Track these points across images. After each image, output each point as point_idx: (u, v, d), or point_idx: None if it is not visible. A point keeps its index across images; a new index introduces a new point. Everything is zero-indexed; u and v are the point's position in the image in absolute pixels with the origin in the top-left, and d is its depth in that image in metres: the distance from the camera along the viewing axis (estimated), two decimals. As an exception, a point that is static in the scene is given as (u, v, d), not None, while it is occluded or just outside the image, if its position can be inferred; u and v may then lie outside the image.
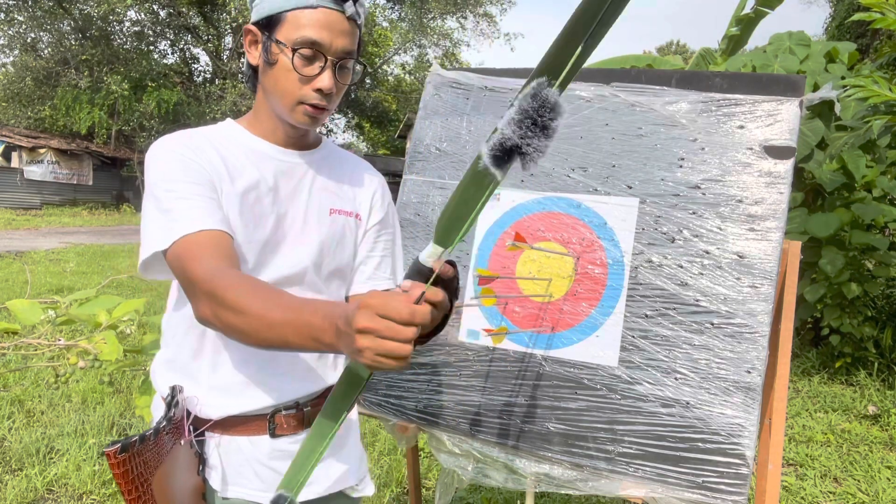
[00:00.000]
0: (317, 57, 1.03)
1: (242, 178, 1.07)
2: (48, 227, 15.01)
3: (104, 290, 2.05)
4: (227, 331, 0.92)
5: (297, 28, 1.02)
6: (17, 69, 19.97)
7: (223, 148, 1.09)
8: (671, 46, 43.82)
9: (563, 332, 1.55)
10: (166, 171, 1.02)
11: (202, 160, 1.04)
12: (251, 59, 1.10)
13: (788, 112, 1.48)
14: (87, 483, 2.77)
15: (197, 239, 0.96)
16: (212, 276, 0.91)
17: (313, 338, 0.82)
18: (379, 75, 25.90)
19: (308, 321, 0.82)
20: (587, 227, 1.58)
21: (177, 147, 1.05)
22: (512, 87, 1.77)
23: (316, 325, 0.81)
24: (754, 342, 1.38)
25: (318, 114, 1.07)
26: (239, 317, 0.87)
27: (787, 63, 4.53)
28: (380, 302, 0.71)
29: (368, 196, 1.24)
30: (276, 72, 1.05)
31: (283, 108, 1.08)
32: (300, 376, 1.14)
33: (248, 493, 1.12)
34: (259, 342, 0.88)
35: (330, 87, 1.04)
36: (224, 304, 0.89)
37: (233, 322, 0.89)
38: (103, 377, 1.83)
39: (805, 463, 3.39)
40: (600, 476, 1.45)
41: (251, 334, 0.88)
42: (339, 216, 1.18)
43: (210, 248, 0.95)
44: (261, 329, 0.86)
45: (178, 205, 0.99)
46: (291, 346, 0.86)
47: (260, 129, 1.13)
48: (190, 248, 0.95)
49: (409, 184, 1.84)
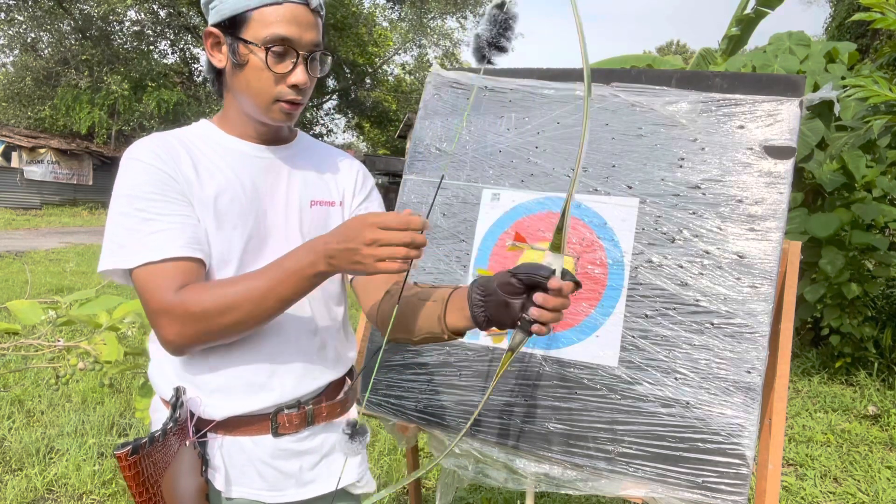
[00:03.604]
0: (288, 53, 1.03)
1: (214, 180, 1.06)
2: (48, 227, 15.01)
3: (104, 291, 2.05)
4: (219, 334, 0.98)
5: (265, 26, 1.01)
6: (17, 69, 19.97)
7: (196, 150, 1.08)
8: (671, 46, 43.82)
9: (563, 332, 1.55)
10: (136, 185, 1.01)
11: (173, 170, 1.03)
12: (216, 62, 1.08)
13: (788, 112, 1.48)
14: (87, 483, 2.77)
15: (161, 268, 0.97)
16: (180, 301, 0.95)
17: (307, 277, 0.93)
18: (379, 75, 25.90)
19: (293, 268, 0.93)
20: (587, 227, 1.58)
21: (148, 157, 1.03)
22: (512, 88, 1.77)
23: (304, 264, 0.93)
24: (754, 342, 1.38)
25: (294, 109, 1.07)
26: (229, 314, 0.94)
27: (787, 63, 4.53)
28: (378, 217, 0.86)
29: (350, 182, 1.24)
30: (248, 73, 1.04)
31: (257, 108, 1.07)
32: (301, 375, 1.14)
33: (251, 492, 1.12)
34: (260, 319, 0.96)
35: (305, 82, 1.04)
36: (207, 314, 0.94)
37: (225, 321, 0.95)
38: (103, 380, 1.83)
39: (805, 463, 3.39)
40: (600, 476, 1.45)
41: (249, 319, 0.95)
42: (321, 207, 1.18)
43: (174, 277, 0.97)
44: (256, 306, 0.94)
45: (145, 227, 0.99)
46: (290, 300, 0.96)
47: (233, 129, 1.13)
48: (154, 276, 0.97)
49: (409, 184, 1.84)
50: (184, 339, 0.97)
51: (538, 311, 0.88)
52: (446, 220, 1.75)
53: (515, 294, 0.91)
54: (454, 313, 0.99)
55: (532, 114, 1.72)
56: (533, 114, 1.71)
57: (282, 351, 1.12)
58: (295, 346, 1.13)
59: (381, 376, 1.74)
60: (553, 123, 1.68)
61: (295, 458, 1.15)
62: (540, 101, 1.72)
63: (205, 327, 0.95)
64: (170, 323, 0.96)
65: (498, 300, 0.92)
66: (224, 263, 1.06)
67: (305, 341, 1.14)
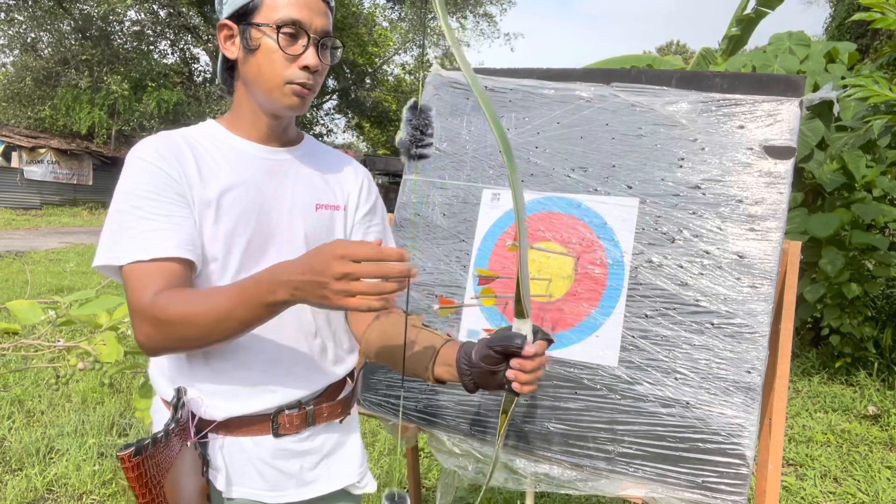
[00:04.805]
0: (299, 35, 1.05)
1: (217, 181, 1.06)
2: (48, 227, 15.01)
3: (104, 291, 2.05)
4: (182, 344, 0.97)
5: (277, 9, 1.04)
6: (17, 69, 19.95)
7: (201, 149, 1.08)
8: (671, 46, 43.81)
9: (563, 332, 1.55)
10: (137, 184, 1.02)
11: (175, 171, 1.03)
12: (229, 53, 1.10)
13: (788, 112, 1.48)
14: (87, 483, 2.77)
15: (147, 268, 0.98)
16: (151, 304, 0.95)
17: (266, 304, 0.88)
18: (379, 75, 25.89)
19: (252, 293, 0.89)
20: (587, 227, 1.58)
21: (151, 156, 1.03)
22: (512, 87, 1.77)
23: (262, 291, 0.88)
24: (754, 342, 1.38)
25: (306, 94, 1.08)
26: (190, 327, 0.93)
27: (787, 63, 4.53)
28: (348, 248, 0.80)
29: (355, 189, 1.24)
30: (259, 56, 1.06)
31: (269, 93, 1.07)
32: (302, 375, 1.14)
33: (251, 492, 1.12)
34: (218, 337, 0.94)
35: (316, 65, 1.05)
36: (170, 322, 0.93)
37: (186, 333, 0.93)
38: (103, 380, 1.83)
39: (805, 463, 3.39)
40: (600, 476, 1.45)
41: (211, 335, 0.93)
42: (326, 210, 1.18)
43: (157, 279, 0.97)
44: (216, 324, 0.92)
45: (140, 225, 0.99)
46: (249, 324, 0.92)
47: (240, 128, 1.13)
48: (139, 276, 0.97)
49: (409, 184, 1.84)
50: (152, 342, 0.97)
51: (514, 373, 0.95)
52: (446, 220, 1.75)
53: (496, 363, 0.97)
54: (442, 367, 1.05)
55: (532, 114, 1.72)
56: (533, 114, 1.71)
57: (283, 352, 1.12)
58: (296, 348, 1.13)
59: (382, 376, 1.74)
60: (553, 123, 1.68)
61: (295, 458, 1.15)
62: (540, 101, 1.72)
63: (168, 334, 0.95)
64: (140, 324, 0.96)
65: (482, 370, 0.98)
66: (223, 264, 1.06)
67: (306, 343, 1.14)
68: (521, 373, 0.94)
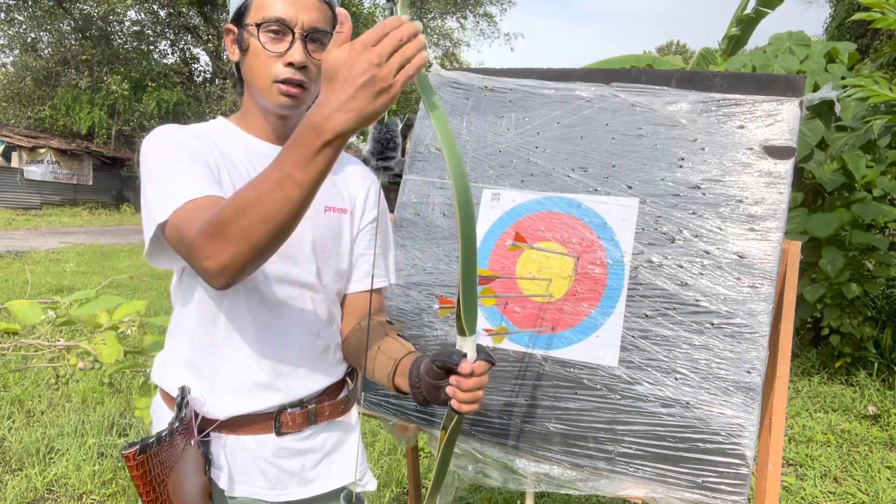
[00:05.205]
0: (283, 32, 1.05)
1: (229, 176, 1.07)
2: (48, 227, 15.00)
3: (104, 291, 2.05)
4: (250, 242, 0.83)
5: (262, 9, 1.05)
6: (17, 69, 19.96)
7: (221, 141, 1.10)
8: (671, 46, 43.82)
9: (563, 332, 1.55)
10: (163, 154, 1.02)
11: (200, 145, 1.05)
12: (232, 56, 1.12)
13: (788, 112, 1.48)
14: (87, 483, 2.77)
15: (192, 204, 0.94)
16: (204, 223, 0.87)
17: (317, 149, 0.77)
18: (379, 75, 25.82)
19: (300, 145, 0.78)
20: (587, 227, 1.58)
21: (174, 132, 1.05)
22: (512, 87, 1.77)
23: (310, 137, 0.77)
24: (754, 342, 1.38)
25: (297, 92, 1.06)
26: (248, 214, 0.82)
27: (787, 63, 4.53)
28: (358, 41, 0.74)
29: (362, 194, 1.24)
30: (250, 57, 1.07)
31: (261, 93, 1.08)
32: (305, 375, 1.15)
33: (253, 491, 1.13)
34: (285, 214, 0.82)
35: (301, 61, 1.04)
36: (228, 220, 0.83)
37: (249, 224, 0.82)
38: (103, 379, 1.83)
39: (805, 463, 3.39)
40: (600, 476, 1.45)
41: (275, 213, 0.81)
42: (334, 213, 1.18)
43: (202, 211, 0.91)
44: (274, 192, 0.81)
45: (175, 181, 0.98)
46: (309, 184, 0.80)
47: (251, 127, 1.14)
48: (186, 214, 0.93)
49: (409, 184, 1.84)
50: (221, 259, 0.85)
51: (452, 390, 0.95)
52: (446, 220, 1.75)
53: (438, 378, 0.97)
54: (401, 378, 1.06)
55: (532, 114, 1.72)
56: (533, 114, 1.72)
57: (286, 352, 1.12)
58: (299, 348, 1.14)
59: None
60: (553, 123, 1.68)
61: (297, 456, 1.15)
62: (540, 101, 1.72)
63: (232, 236, 0.83)
64: (201, 249, 0.87)
65: (428, 383, 0.98)
66: None
67: (309, 343, 1.15)
68: (458, 391, 0.94)
